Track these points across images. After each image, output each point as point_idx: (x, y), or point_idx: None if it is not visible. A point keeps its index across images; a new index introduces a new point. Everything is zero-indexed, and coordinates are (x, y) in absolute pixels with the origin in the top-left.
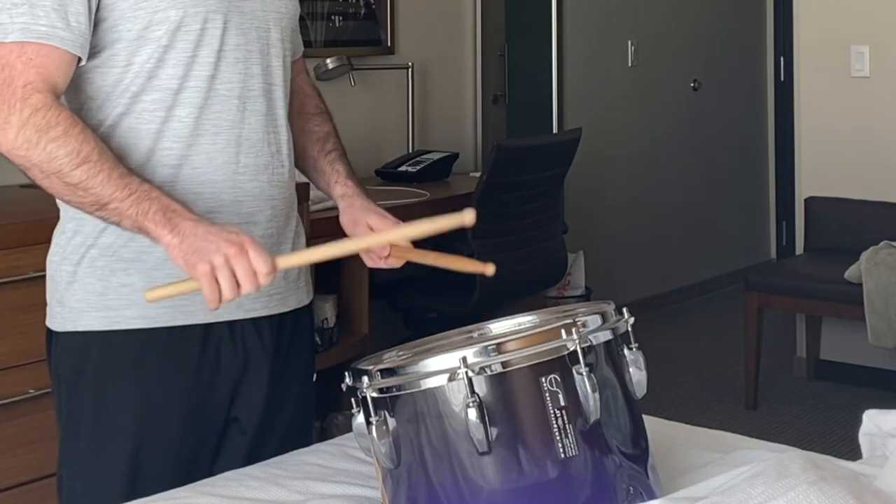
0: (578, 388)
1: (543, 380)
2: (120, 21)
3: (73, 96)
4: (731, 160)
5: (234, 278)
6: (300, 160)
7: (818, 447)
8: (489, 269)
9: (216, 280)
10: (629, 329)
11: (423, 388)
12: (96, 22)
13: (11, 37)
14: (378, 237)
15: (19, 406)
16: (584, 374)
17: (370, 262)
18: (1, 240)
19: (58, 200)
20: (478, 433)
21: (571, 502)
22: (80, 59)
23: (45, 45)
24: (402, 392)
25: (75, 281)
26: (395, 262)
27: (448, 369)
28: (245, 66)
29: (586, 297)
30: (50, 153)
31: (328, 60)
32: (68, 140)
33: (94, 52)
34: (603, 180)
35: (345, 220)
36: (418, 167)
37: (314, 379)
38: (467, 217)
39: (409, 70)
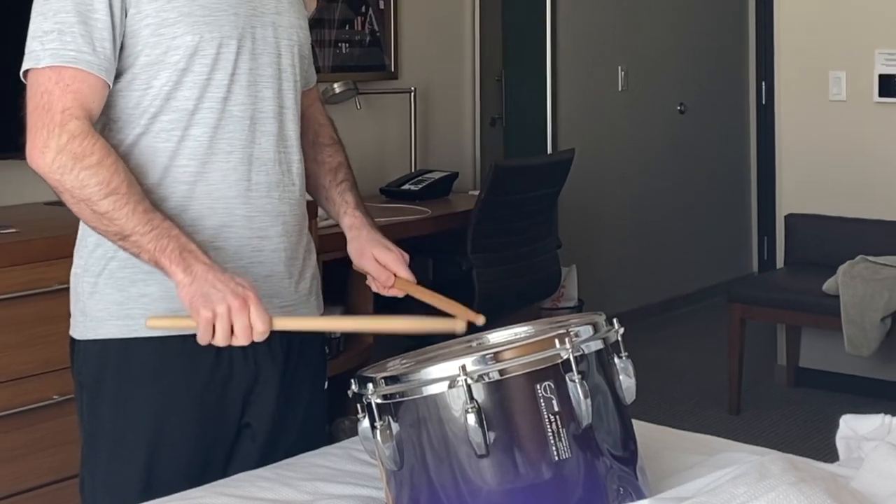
0: (571, 395)
1: (538, 387)
2: (140, 46)
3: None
4: (715, 179)
5: (230, 329)
6: (312, 188)
7: (798, 450)
8: (480, 320)
9: (213, 328)
10: (619, 339)
11: (425, 394)
12: (119, 48)
13: (44, 62)
14: (369, 325)
15: (44, 411)
16: (577, 381)
17: (374, 289)
18: (26, 254)
19: None
20: (476, 437)
21: (565, 502)
22: (108, 86)
23: (80, 70)
24: (405, 398)
25: (97, 291)
26: (397, 293)
27: (448, 377)
28: (257, 88)
29: (578, 308)
30: (82, 181)
31: (335, 85)
32: (100, 170)
33: (116, 75)
34: (595, 198)
35: (352, 250)
36: (420, 185)
37: (325, 387)
38: (459, 326)
39: (412, 94)
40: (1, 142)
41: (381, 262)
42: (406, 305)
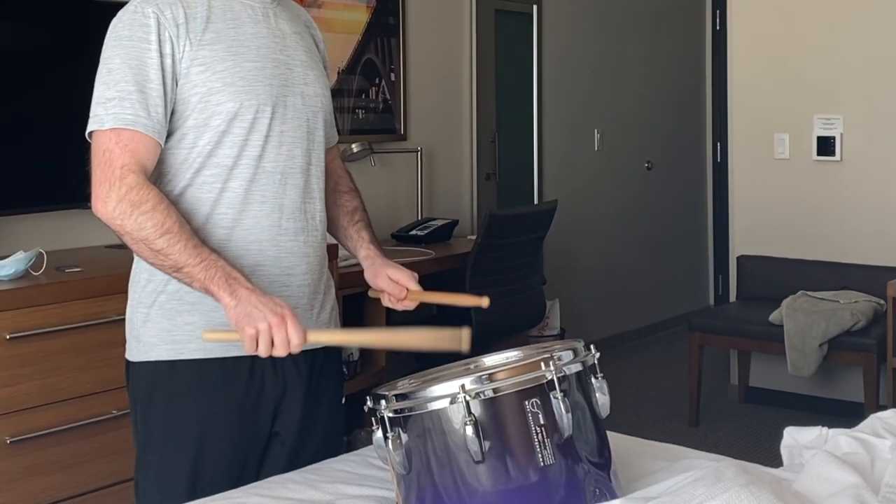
0: (555, 410)
1: (527, 403)
2: (189, 111)
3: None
4: (677, 225)
5: (271, 343)
6: (333, 227)
7: (748, 457)
8: (484, 302)
9: (257, 341)
10: (595, 362)
11: (430, 409)
12: (171, 112)
13: (107, 125)
14: (385, 338)
15: (104, 424)
16: (560, 398)
17: (388, 303)
18: (90, 290)
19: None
20: (473, 446)
21: (549, 502)
22: (160, 145)
23: (137, 132)
24: (413, 412)
25: (148, 320)
26: (410, 305)
27: (449, 394)
28: (287, 148)
29: (561, 336)
30: (140, 224)
31: (353, 145)
32: (155, 214)
33: (167, 135)
34: (575, 241)
35: (368, 275)
36: (426, 231)
37: (343, 402)
38: (464, 345)
39: (419, 153)
40: (67, 194)
41: (393, 280)
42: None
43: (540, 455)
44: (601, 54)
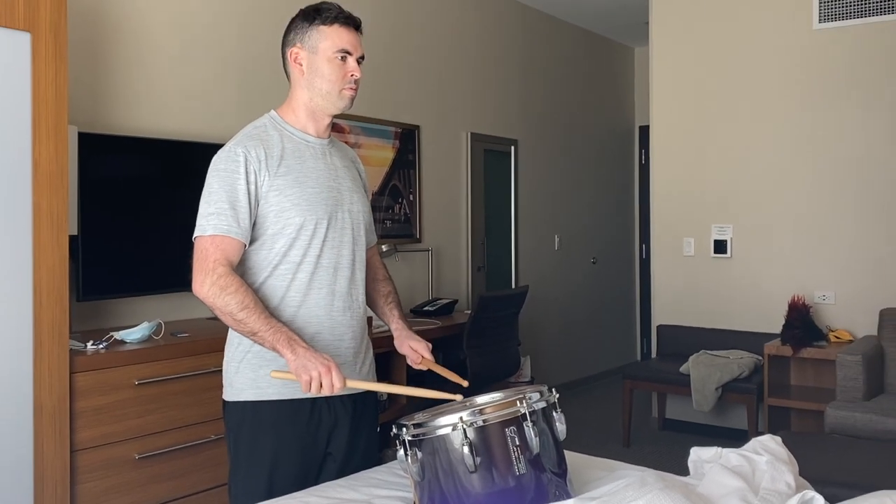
0: (527, 434)
1: (507, 429)
2: (268, 224)
3: (238, 268)
4: (613, 303)
5: (320, 386)
6: (373, 305)
7: (665, 469)
8: (464, 383)
9: (310, 384)
10: (556, 400)
11: (438, 434)
12: (254, 223)
13: (208, 232)
14: (401, 390)
15: (205, 445)
16: (530, 426)
17: (409, 363)
18: (195, 349)
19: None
20: (469, 460)
21: (523, 501)
22: (245, 245)
23: (228, 237)
24: (425, 437)
25: (239, 371)
26: (424, 367)
27: (452, 423)
28: (338, 250)
29: (531, 382)
30: (226, 301)
31: (383, 246)
32: (237, 295)
33: (251, 240)
34: (541, 314)
35: (396, 343)
36: (435, 307)
37: (377, 430)
38: (457, 398)
39: (430, 252)
40: (179, 281)
41: (413, 349)
42: (424, 380)
43: (516, 467)
44: (560, 181)
